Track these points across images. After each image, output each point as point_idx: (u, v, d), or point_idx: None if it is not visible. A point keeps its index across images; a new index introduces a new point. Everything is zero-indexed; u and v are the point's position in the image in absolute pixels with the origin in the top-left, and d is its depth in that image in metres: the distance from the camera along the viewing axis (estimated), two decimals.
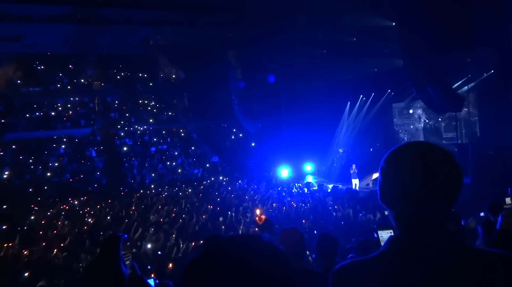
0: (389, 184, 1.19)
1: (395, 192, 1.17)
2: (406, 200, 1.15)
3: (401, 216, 1.18)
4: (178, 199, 14.17)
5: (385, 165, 1.21)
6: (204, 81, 22.59)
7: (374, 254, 1.18)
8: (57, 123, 20.46)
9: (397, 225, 1.20)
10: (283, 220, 9.86)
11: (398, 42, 12.70)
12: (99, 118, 21.83)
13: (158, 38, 22.78)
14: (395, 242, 1.16)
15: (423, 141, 1.25)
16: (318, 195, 14.16)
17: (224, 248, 0.87)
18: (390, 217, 1.23)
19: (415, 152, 1.17)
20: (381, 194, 1.22)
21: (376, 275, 1.11)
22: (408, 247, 1.13)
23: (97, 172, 18.41)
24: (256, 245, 0.88)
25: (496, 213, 4.56)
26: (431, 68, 11.85)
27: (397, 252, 1.13)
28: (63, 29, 19.93)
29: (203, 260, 0.86)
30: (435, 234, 1.13)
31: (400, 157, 1.19)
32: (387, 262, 1.13)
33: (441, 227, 1.14)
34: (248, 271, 0.81)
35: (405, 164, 1.15)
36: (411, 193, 1.13)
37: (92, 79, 22.83)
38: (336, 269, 1.19)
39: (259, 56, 20.71)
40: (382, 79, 18.44)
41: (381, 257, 1.15)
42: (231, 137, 23.82)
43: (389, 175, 1.19)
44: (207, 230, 9.49)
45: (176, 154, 21.15)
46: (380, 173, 1.22)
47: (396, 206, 1.19)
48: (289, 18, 17.26)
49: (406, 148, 1.21)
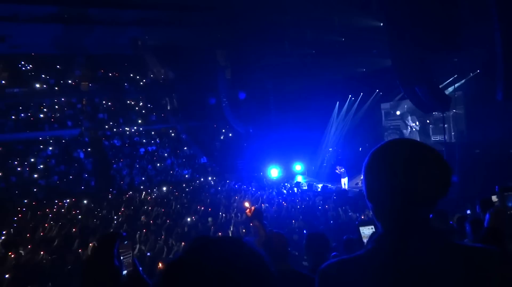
0: (374, 182, 1.18)
1: (380, 190, 1.17)
2: (391, 198, 1.14)
3: (387, 214, 1.17)
4: (167, 200, 14.09)
5: (370, 163, 1.20)
6: (193, 81, 22.50)
7: (360, 252, 1.18)
8: (44, 124, 20.20)
9: (382, 223, 1.19)
10: (273, 220, 9.86)
11: (386, 42, 12.81)
12: (87, 119, 21.60)
13: (146, 38, 22.62)
14: (380, 240, 1.16)
15: (409, 139, 1.24)
16: (308, 194, 14.19)
17: (204, 251, 0.87)
18: (375, 214, 1.21)
19: (401, 150, 1.17)
20: (367, 191, 1.21)
21: (363, 274, 1.11)
22: (394, 245, 1.12)
23: (85, 173, 18.21)
24: (237, 248, 0.88)
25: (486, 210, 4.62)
26: (419, 67, 11.97)
27: (383, 250, 1.13)
28: (50, 29, 19.68)
29: (182, 262, 0.86)
30: (421, 232, 1.12)
31: (386, 155, 1.18)
32: (373, 261, 1.12)
33: (427, 224, 1.14)
34: (227, 274, 0.81)
35: (391, 162, 1.14)
36: (396, 191, 1.12)
37: (80, 79, 22.58)
38: (323, 267, 1.18)
39: (248, 56, 20.70)
40: (370, 79, 18.58)
41: (367, 255, 1.15)
42: (221, 137, 23.77)
43: (374, 173, 1.18)
44: (197, 231, 9.45)
45: (165, 155, 21.02)
46: (365, 171, 1.21)
47: (381, 204, 1.18)
48: (278, 18, 17.31)
49: (391, 146, 1.20)
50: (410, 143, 1.20)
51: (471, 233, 4.07)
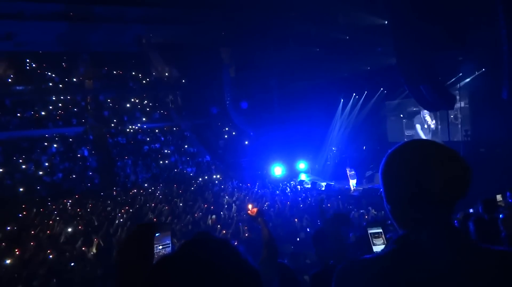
0: (393, 184, 1.18)
1: (399, 192, 1.16)
2: (411, 200, 1.13)
3: (407, 215, 1.17)
4: (171, 198, 14.13)
5: (388, 164, 1.19)
6: (198, 79, 22.52)
7: (379, 253, 1.17)
8: (49, 122, 20.29)
9: (402, 224, 1.19)
10: (276, 218, 9.87)
11: (391, 40, 12.75)
12: (91, 116, 21.68)
13: (150, 36, 22.64)
14: (401, 241, 1.14)
15: (427, 139, 1.23)
16: (311, 193, 14.20)
17: (192, 252, 0.92)
18: (393, 216, 1.21)
19: (419, 151, 1.16)
20: (386, 193, 1.21)
21: (383, 275, 1.09)
22: (415, 247, 1.11)
23: (90, 171, 18.28)
24: (224, 251, 0.93)
25: (490, 210, 4.60)
26: (424, 66, 11.91)
27: (404, 251, 1.12)
28: (55, 27, 19.72)
29: (170, 261, 0.91)
30: (442, 233, 1.12)
31: (404, 156, 1.17)
32: (394, 262, 1.11)
33: (449, 225, 1.13)
34: (212, 275, 0.86)
35: (409, 163, 1.14)
36: (416, 192, 1.11)
37: (84, 77, 22.65)
38: (341, 267, 1.17)
39: (252, 54, 20.68)
40: (375, 77, 18.53)
41: (387, 256, 1.13)
42: (225, 135, 23.78)
43: (392, 174, 1.18)
44: (200, 229, 9.48)
45: (169, 152, 21.07)
46: (383, 173, 1.20)
47: (401, 205, 1.17)
48: (283, 16, 17.28)
49: (409, 146, 1.19)
50: (428, 143, 1.19)
51: (474, 232, 4.06)
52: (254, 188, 15.57)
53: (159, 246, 1.33)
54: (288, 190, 15.22)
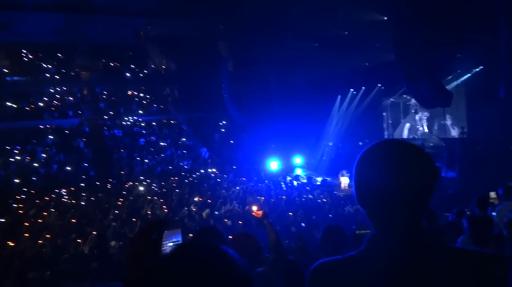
0: (363, 184, 1.19)
1: (369, 192, 1.17)
2: (380, 200, 1.14)
3: (377, 215, 1.18)
4: (167, 191, 14.13)
5: (359, 164, 1.21)
6: (195, 73, 22.42)
7: (352, 253, 1.18)
8: (45, 113, 20.16)
9: (373, 224, 1.20)
10: (270, 213, 9.89)
11: (390, 36, 12.73)
12: (87, 108, 21.56)
13: (149, 29, 22.51)
14: (373, 241, 1.16)
15: (397, 139, 1.25)
16: (306, 188, 14.23)
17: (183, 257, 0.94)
18: (367, 217, 1.22)
19: (388, 151, 1.17)
20: (357, 193, 1.22)
21: (355, 274, 1.11)
22: (384, 247, 1.13)
23: (85, 163, 18.22)
24: (215, 256, 0.93)
25: (483, 208, 4.63)
26: (423, 63, 11.90)
27: (375, 251, 1.13)
28: (53, 18, 19.57)
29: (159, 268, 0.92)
30: (412, 233, 1.13)
31: (373, 156, 1.19)
32: (366, 261, 1.13)
33: (417, 225, 1.14)
34: (201, 280, 0.87)
35: (378, 164, 1.15)
36: (385, 193, 1.12)
37: (81, 69, 22.51)
38: (315, 266, 1.18)
39: (250, 48, 20.61)
40: (372, 73, 18.51)
41: (360, 256, 1.16)
42: (221, 129, 23.75)
43: (362, 175, 1.19)
44: (195, 222, 9.49)
45: (165, 145, 21.03)
46: (355, 173, 1.22)
47: (371, 206, 1.19)
48: (281, 11, 17.20)
49: (379, 147, 1.20)
50: (396, 144, 1.21)
51: (468, 229, 4.09)
52: (250, 182, 15.59)
53: (169, 243, 1.32)
54: (283, 185, 15.23)
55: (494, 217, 5.03)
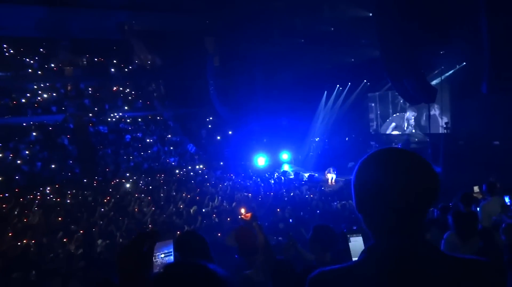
0: (362, 193, 1.18)
1: (369, 200, 1.16)
2: (380, 208, 1.13)
3: (377, 225, 1.17)
4: (153, 188, 14.04)
5: (359, 172, 1.19)
6: (181, 68, 22.23)
7: (352, 262, 1.18)
8: (28, 110, 19.77)
9: (372, 233, 1.19)
10: (258, 209, 9.91)
11: (375, 33, 12.81)
12: (71, 104, 21.21)
13: (133, 23, 22.20)
14: (372, 251, 1.16)
15: (398, 148, 1.23)
16: (294, 183, 14.29)
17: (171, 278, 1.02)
18: (366, 225, 1.21)
19: (388, 160, 1.16)
20: (356, 202, 1.21)
21: (354, 284, 1.11)
22: (384, 257, 1.12)
23: (70, 160, 17.95)
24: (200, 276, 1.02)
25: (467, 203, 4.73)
26: (407, 60, 12.03)
27: (374, 260, 1.13)
28: (35, 11, 19.14)
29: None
30: (411, 243, 1.12)
31: (373, 165, 1.17)
32: (365, 271, 1.12)
33: (418, 235, 1.14)
34: None
35: (378, 173, 1.14)
36: (386, 201, 1.11)
37: (64, 64, 22.10)
38: (314, 275, 1.17)
39: (237, 44, 20.51)
40: (358, 69, 18.64)
41: (359, 266, 1.15)
42: (208, 125, 23.65)
43: (362, 184, 1.18)
44: (183, 219, 9.45)
45: (151, 142, 20.85)
46: (355, 180, 1.20)
47: (371, 214, 1.18)
48: (268, 6, 17.14)
49: (378, 156, 1.19)
50: (396, 152, 1.19)
51: (453, 224, 4.17)
52: (238, 178, 15.58)
53: (160, 255, 1.30)
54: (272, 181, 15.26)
55: (478, 213, 5.14)
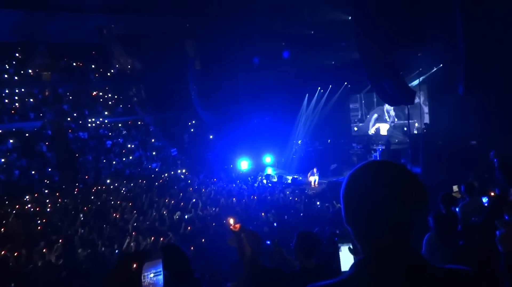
0: (351, 207, 1.17)
1: (357, 215, 1.16)
2: (369, 224, 1.13)
3: (365, 239, 1.17)
4: (136, 194, 13.86)
5: (347, 188, 1.18)
6: (162, 72, 22.04)
7: (342, 277, 1.17)
8: (4, 116, 19.26)
9: (361, 247, 1.19)
10: (242, 213, 9.90)
11: (353, 35, 12.98)
12: (50, 110, 20.75)
13: (112, 27, 21.90)
14: (360, 265, 1.16)
15: (387, 161, 1.22)
16: (277, 187, 14.32)
17: None
18: (355, 238, 1.21)
19: (377, 174, 1.15)
20: (345, 216, 1.20)
21: None
22: (374, 271, 1.12)
23: (49, 167, 17.57)
24: None
25: (448, 205, 4.82)
26: (386, 61, 12.21)
27: (364, 276, 1.12)
28: (10, 15, 18.68)
29: None
30: (400, 257, 1.12)
31: (362, 180, 1.16)
32: (354, 286, 1.12)
33: (406, 249, 1.14)
34: None
35: (367, 188, 1.13)
36: (373, 217, 1.11)
37: (42, 69, 21.62)
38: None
39: (218, 47, 20.46)
40: (339, 71, 18.85)
41: (349, 281, 1.14)
42: (190, 129, 23.50)
43: (351, 198, 1.17)
44: (166, 226, 9.37)
45: (133, 147, 20.60)
46: (343, 196, 1.20)
47: (361, 227, 1.17)
48: (248, 9, 17.18)
49: (367, 170, 1.18)
50: (386, 166, 1.17)
51: (433, 226, 4.24)
52: (221, 182, 15.52)
53: (150, 274, 1.28)
54: (256, 185, 15.26)
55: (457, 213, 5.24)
